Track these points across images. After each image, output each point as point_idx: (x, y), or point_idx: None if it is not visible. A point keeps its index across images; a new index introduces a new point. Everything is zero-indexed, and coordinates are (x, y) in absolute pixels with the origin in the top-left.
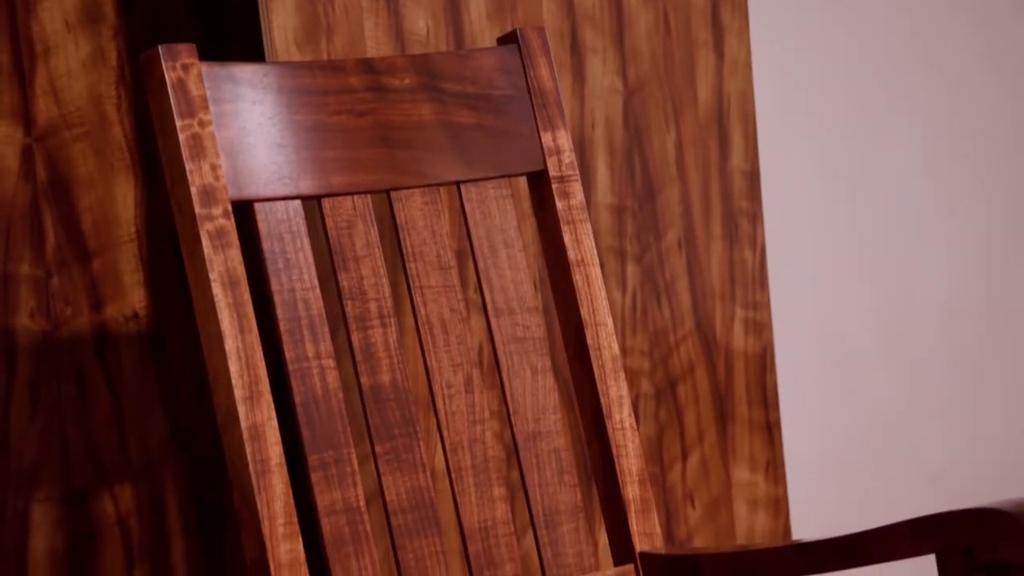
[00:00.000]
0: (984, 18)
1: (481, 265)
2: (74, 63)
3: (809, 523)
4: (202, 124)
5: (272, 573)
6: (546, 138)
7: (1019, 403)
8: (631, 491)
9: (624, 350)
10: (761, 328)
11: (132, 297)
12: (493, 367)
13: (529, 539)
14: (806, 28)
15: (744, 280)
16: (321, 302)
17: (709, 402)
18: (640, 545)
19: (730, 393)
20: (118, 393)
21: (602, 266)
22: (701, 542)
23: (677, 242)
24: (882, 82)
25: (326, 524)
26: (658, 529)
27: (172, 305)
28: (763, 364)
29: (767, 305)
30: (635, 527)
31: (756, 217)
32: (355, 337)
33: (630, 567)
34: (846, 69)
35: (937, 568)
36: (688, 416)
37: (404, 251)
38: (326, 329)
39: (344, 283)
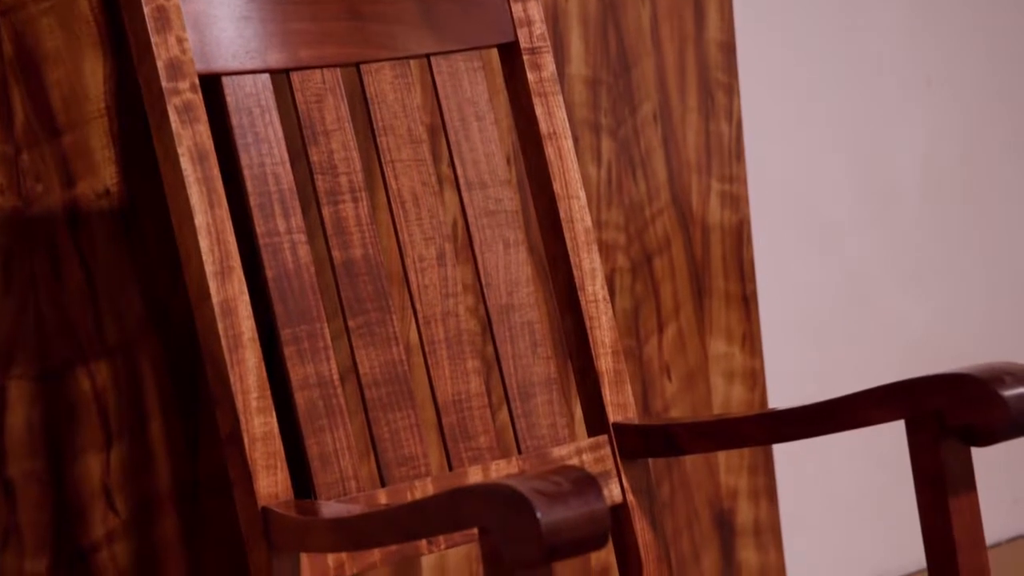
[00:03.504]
0: None
1: (452, 138)
2: None
3: (786, 394)
4: None
5: (246, 446)
6: (516, 9)
7: (997, 270)
8: (604, 363)
9: (599, 224)
10: (737, 201)
11: (104, 173)
12: (466, 241)
13: (505, 413)
14: None
15: (720, 153)
16: (291, 176)
17: (685, 275)
18: (613, 416)
19: (706, 266)
20: (91, 270)
21: (577, 140)
22: (677, 414)
23: (652, 115)
24: None
25: (300, 398)
26: (631, 400)
27: (144, 182)
28: (739, 237)
29: (743, 178)
30: (608, 398)
31: (732, 89)
32: (326, 211)
33: (603, 438)
34: None
35: (907, 433)
36: (664, 289)
37: (375, 125)
38: (297, 203)
39: (314, 157)
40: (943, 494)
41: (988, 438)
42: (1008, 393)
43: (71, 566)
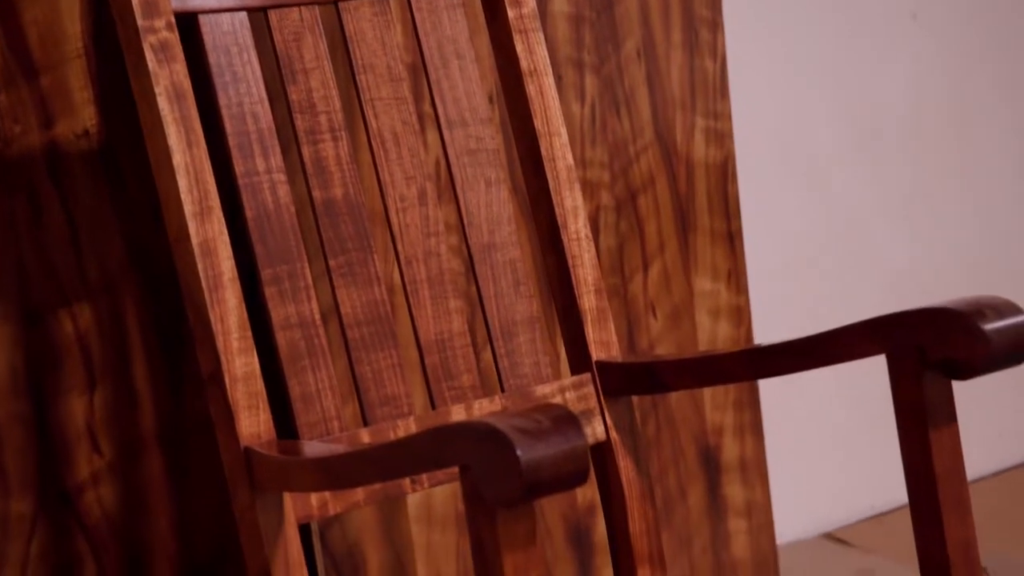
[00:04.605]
0: None
1: (433, 77)
2: None
3: (772, 331)
4: None
5: (228, 387)
6: None
7: (982, 205)
8: (587, 301)
9: (584, 162)
10: (722, 137)
11: (82, 114)
12: (448, 180)
13: (489, 353)
14: None
15: (705, 89)
16: (270, 116)
17: (670, 213)
18: (597, 354)
19: (691, 203)
20: (72, 211)
21: (560, 78)
22: (663, 352)
23: (636, 52)
24: None
25: (281, 338)
26: (614, 338)
27: (123, 122)
28: (724, 173)
29: (728, 114)
30: (591, 336)
31: (716, 25)
32: (306, 151)
33: (587, 376)
34: None
35: (888, 367)
36: (649, 227)
37: (354, 63)
38: (276, 143)
39: (293, 96)
40: (924, 428)
41: (969, 372)
42: (989, 327)
43: (56, 507)
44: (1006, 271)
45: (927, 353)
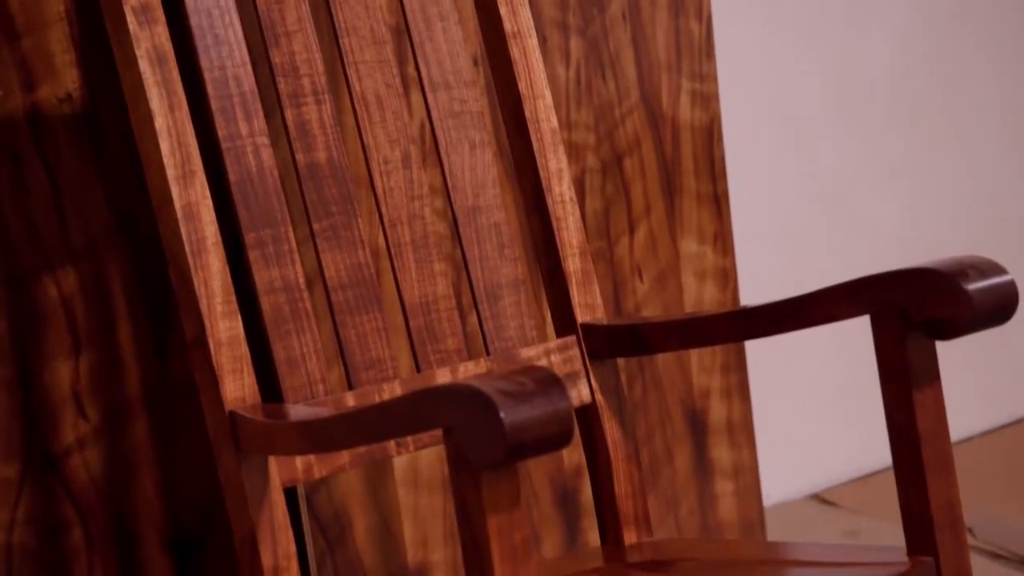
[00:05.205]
0: None
1: (416, 39)
2: None
3: (759, 293)
4: None
5: (212, 351)
6: None
7: (969, 168)
8: (571, 263)
9: (569, 125)
10: (708, 99)
11: (65, 78)
12: (433, 143)
13: (475, 316)
14: None
15: (690, 51)
16: (253, 79)
17: (656, 175)
18: (582, 317)
19: (677, 165)
20: (55, 175)
21: (545, 40)
22: (649, 314)
23: (621, 13)
24: None
25: (265, 302)
26: (599, 300)
27: (107, 86)
28: (710, 135)
29: (714, 76)
30: (576, 299)
31: None
32: (289, 114)
33: (572, 339)
34: None
35: (872, 328)
36: (635, 189)
37: (337, 26)
38: (259, 106)
39: (276, 59)
40: (908, 388)
41: (952, 332)
42: (971, 287)
43: (42, 472)
44: (995, 233)
45: (910, 314)
